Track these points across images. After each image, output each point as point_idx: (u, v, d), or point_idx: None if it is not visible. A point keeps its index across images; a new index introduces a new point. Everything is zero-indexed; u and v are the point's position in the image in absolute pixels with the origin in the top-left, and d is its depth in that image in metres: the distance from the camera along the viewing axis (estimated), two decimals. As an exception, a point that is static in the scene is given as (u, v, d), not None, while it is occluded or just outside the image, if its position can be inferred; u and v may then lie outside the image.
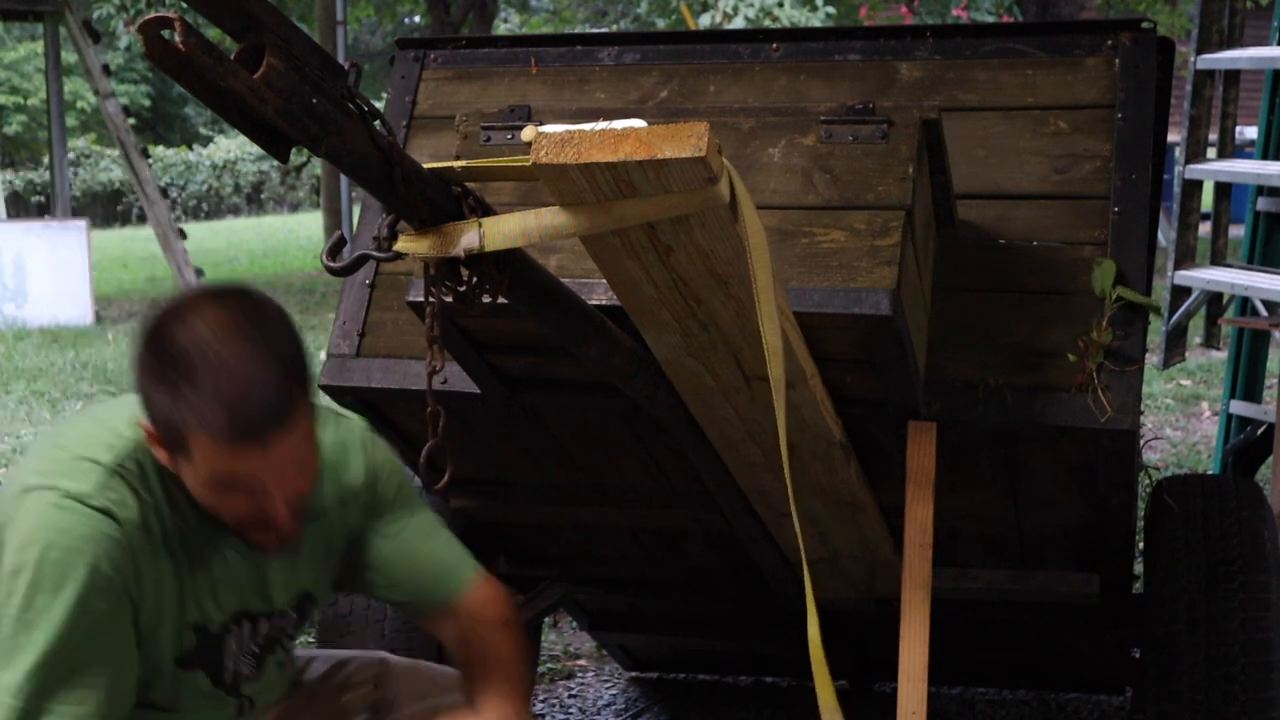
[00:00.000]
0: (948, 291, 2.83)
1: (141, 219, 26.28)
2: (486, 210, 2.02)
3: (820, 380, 2.56)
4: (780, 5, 15.83)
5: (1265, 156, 5.54)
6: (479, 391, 2.93)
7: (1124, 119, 2.84)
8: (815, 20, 15.69)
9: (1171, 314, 5.45)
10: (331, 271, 2.07)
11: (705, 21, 16.47)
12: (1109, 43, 2.91)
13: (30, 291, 13.18)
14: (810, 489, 2.79)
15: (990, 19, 18.56)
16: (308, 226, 25.08)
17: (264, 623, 2.24)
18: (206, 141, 34.99)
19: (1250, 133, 9.36)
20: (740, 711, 4.26)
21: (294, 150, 1.90)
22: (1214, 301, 5.60)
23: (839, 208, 2.55)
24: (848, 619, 3.39)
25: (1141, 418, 3.16)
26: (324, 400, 2.48)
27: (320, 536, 2.26)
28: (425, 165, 1.99)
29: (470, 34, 14.88)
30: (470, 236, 1.95)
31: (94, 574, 1.99)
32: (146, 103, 35.54)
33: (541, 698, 4.37)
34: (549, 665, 4.59)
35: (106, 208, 31.38)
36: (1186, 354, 5.93)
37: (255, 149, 30.74)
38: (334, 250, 2.06)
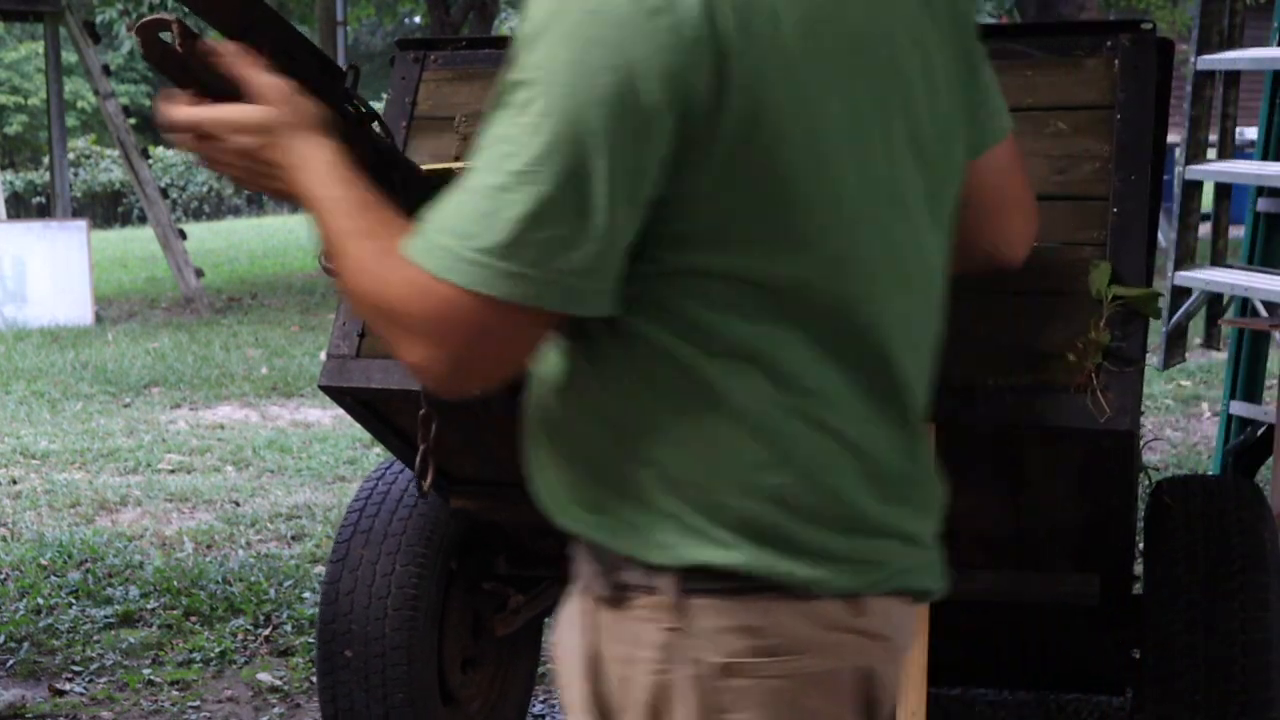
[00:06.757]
0: (947, 292, 2.82)
1: (141, 219, 26.27)
2: (487, 211, 2.01)
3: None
4: (780, 5, 15.80)
5: (1265, 157, 5.53)
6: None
7: (1123, 120, 2.83)
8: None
9: (1171, 315, 5.43)
10: (331, 274, 2.07)
11: (705, 22, 16.42)
12: (1109, 43, 2.90)
13: (30, 292, 13.17)
14: (810, 490, 2.79)
15: (989, 20, 18.57)
16: (308, 227, 25.05)
17: None
18: (207, 141, 34.94)
19: (1250, 133, 9.35)
20: (740, 712, 4.25)
21: (293, 152, 1.90)
22: (1214, 302, 5.59)
23: None
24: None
25: (1142, 418, 3.16)
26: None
27: None
28: (425, 166, 1.99)
29: (470, 34, 14.88)
30: (470, 238, 1.95)
31: None
32: (146, 103, 35.51)
33: (541, 698, 4.37)
34: (549, 665, 4.59)
35: (106, 208, 31.37)
36: (1187, 355, 5.92)
37: (256, 149, 30.67)
38: (333, 252, 2.06)
